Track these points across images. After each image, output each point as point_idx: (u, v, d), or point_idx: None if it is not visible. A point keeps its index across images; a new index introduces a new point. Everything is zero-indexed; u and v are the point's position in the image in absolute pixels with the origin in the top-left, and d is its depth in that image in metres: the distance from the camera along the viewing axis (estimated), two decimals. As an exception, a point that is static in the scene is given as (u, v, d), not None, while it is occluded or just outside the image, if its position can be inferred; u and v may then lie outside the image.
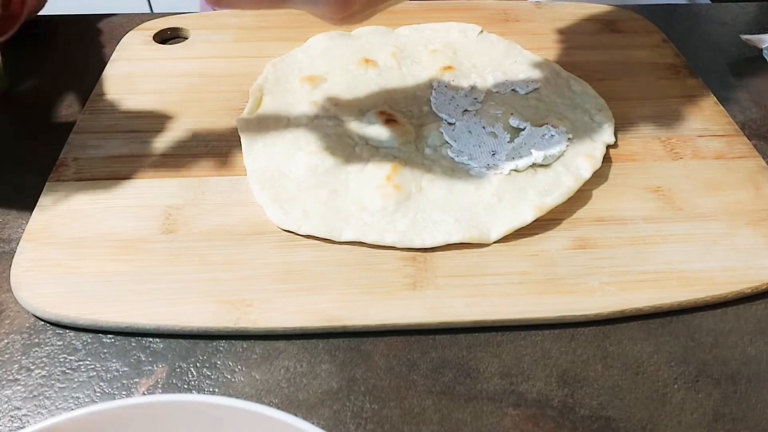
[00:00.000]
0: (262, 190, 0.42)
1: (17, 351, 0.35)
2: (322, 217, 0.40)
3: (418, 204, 0.41)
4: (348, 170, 0.43)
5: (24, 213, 0.42)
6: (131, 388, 0.33)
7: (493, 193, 0.42)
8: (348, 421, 0.32)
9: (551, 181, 0.43)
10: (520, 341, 0.36)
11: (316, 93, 0.49)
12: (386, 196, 0.41)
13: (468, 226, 0.40)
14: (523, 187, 0.42)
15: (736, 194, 0.43)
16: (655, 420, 0.32)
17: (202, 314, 0.35)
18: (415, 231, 0.39)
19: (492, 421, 0.32)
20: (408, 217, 0.40)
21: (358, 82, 0.51)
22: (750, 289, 0.38)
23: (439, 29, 0.57)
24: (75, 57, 0.57)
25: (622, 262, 0.39)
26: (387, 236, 0.39)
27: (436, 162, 0.44)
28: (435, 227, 0.40)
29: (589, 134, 0.47)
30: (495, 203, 0.41)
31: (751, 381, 0.34)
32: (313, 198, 0.41)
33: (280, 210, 0.40)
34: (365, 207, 0.41)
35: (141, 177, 0.44)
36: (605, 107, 0.49)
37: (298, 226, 0.39)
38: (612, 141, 0.46)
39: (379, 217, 0.40)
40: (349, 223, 0.40)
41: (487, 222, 0.40)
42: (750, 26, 0.64)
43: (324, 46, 0.54)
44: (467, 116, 0.47)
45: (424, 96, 0.50)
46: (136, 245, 0.39)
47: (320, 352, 0.35)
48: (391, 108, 0.48)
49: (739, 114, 0.52)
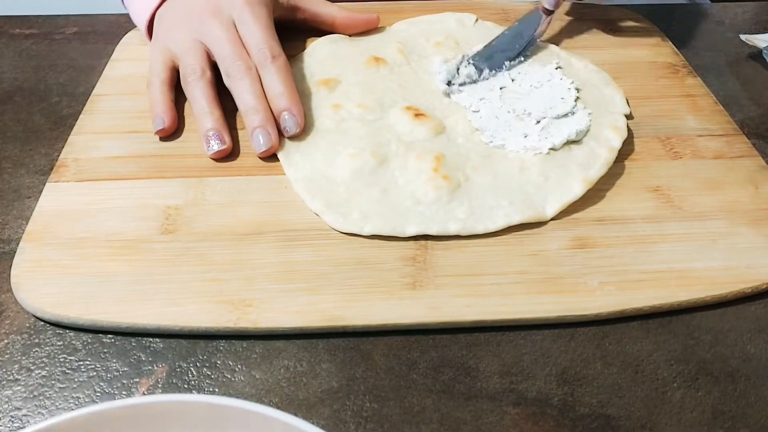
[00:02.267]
0: (314, 198, 0.42)
1: (17, 351, 0.35)
2: (382, 216, 0.40)
3: (470, 191, 0.42)
4: (392, 168, 0.44)
5: (24, 213, 0.42)
6: (131, 388, 0.33)
7: (538, 173, 0.43)
8: (348, 421, 0.32)
9: (587, 155, 0.44)
10: (519, 341, 0.36)
11: (334, 96, 0.49)
12: (438, 188, 0.41)
13: (524, 207, 0.41)
14: (565, 163, 0.44)
15: (736, 193, 0.43)
16: (654, 418, 0.32)
17: (202, 314, 0.35)
18: (475, 218, 0.40)
19: (492, 420, 0.32)
20: (464, 205, 0.41)
21: (373, 81, 0.51)
22: (750, 289, 0.38)
23: (435, 21, 0.58)
24: (75, 57, 0.57)
25: (621, 261, 0.39)
26: (450, 225, 0.40)
27: (472, 150, 0.45)
28: (492, 212, 0.40)
29: (606, 107, 0.49)
30: (542, 182, 0.42)
31: (751, 379, 0.34)
32: (366, 199, 0.41)
33: (338, 215, 0.40)
34: (420, 201, 0.41)
35: (141, 177, 0.44)
36: (611, 80, 0.51)
37: (360, 227, 0.40)
38: (628, 111, 0.49)
39: (436, 209, 0.41)
40: (409, 218, 0.40)
41: (540, 201, 0.41)
42: (750, 26, 0.64)
43: (328, 49, 0.55)
44: (487, 103, 0.49)
45: (440, 88, 0.50)
46: (136, 245, 0.39)
47: (320, 352, 0.35)
48: (413, 103, 0.49)
49: (738, 113, 0.52)
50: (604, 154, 0.44)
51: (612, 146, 0.45)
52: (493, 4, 0.62)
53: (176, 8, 0.52)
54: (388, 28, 0.58)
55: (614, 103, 0.49)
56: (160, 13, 0.52)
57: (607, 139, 0.46)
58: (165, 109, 0.47)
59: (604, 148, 0.45)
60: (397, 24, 0.58)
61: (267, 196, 0.42)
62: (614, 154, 0.45)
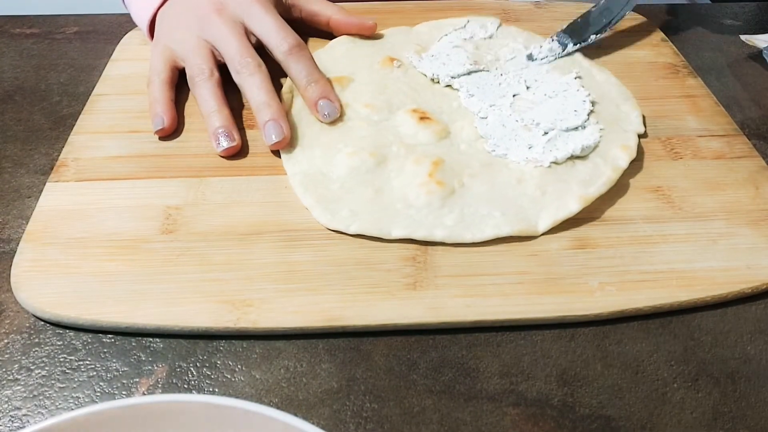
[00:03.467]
0: (306, 192, 0.42)
1: (17, 351, 0.35)
2: (370, 216, 0.40)
3: (463, 199, 0.41)
4: (389, 169, 0.43)
5: (24, 213, 0.42)
6: (131, 388, 0.33)
7: (536, 186, 0.42)
8: (348, 421, 0.32)
9: (591, 171, 0.43)
10: (519, 341, 0.36)
11: (345, 94, 0.49)
12: (431, 192, 0.41)
13: (515, 219, 0.40)
14: (565, 179, 0.43)
15: (736, 194, 0.43)
16: (654, 419, 0.32)
17: (202, 314, 0.35)
18: (463, 225, 0.40)
19: (492, 420, 0.32)
20: (455, 212, 0.40)
21: (386, 81, 0.51)
22: (750, 289, 0.38)
23: (458, 24, 0.58)
24: (75, 57, 0.57)
25: (622, 262, 0.39)
26: (436, 232, 0.39)
27: (473, 157, 0.45)
28: (483, 221, 0.40)
29: (619, 124, 0.47)
30: (539, 196, 0.42)
31: (751, 380, 0.34)
32: (358, 198, 0.41)
33: (327, 211, 0.40)
34: (411, 204, 0.41)
35: (141, 177, 0.44)
36: (630, 96, 0.50)
37: (346, 225, 0.40)
38: (642, 130, 0.47)
39: (426, 213, 0.40)
40: (397, 221, 0.40)
41: (533, 214, 0.40)
42: (750, 26, 0.64)
43: (346, 47, 0.54)
44: (496, 110, 0.48)
45: (452, 92, 0.50)
46: (136, 245, 0.39)
47: (320, 352, 0.35)
48: (421, 105, 0.48)
49: (738, 114, 0.52)
50: (607, 173, 0.43)
51: (617, 165, 0.44)
52: (493, 4, 0.62)
53: (178, 7, 0.51)
54: (409, 29, 0.57)
55: (629, 120, 0.48)
56: (161, 12, 0.52)
57: (614, 157, 0.44)
58: (165, 109, 0.47)
59: (608, 167, 0.43)
60: (420, 26, 0.58)
61: (267, 196, 0.42)
62: (618, 173, 0.43)
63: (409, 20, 0.59)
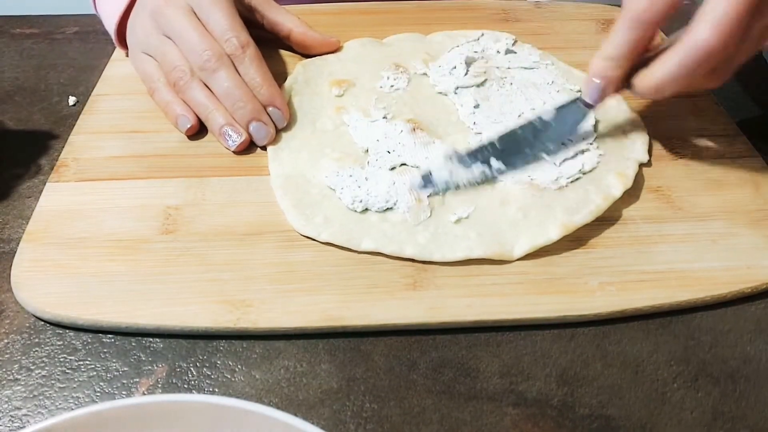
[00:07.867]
0: (285, 195, 0.41)
1: (17, 351, 0.35)
2: (343, 225, 0.39)
3: (441, 218, 0.40)
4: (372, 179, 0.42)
5: (24, 213, 0.42)
6: (131, 388, 0.33)
7: (518, 209, 0.40)
8: (348, 421, 0.32)
9: (580, 198, 0.41)
10: (519, 341, 0.36)
11: (343, 98, 0.49)
12: (408, 209, 0.40)
13: (490, 242, 0.39)
14: (550, 204, 0.41)
15: (736, 194, 0.43)
16: (654, 419, 0.32)
17: (202, 314, 0.35)
18: (435, 245, 0.38)
19: (492, 420, 0.32)
20: (429, 230, 0.39)
21: (387, 88, 0.50)
22: (750, 289, 0.38)
23: (471, 37, 0.56)
24: (76, 57, 0.57)
25: (622, 262, 0.39)
26: (406, 248, 0.38)
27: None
28: (456, 242, 0.39)
29: (621, 151, 0.45)
30: (520, 219, 0.40)
31: (751, 380, 0.34)
32: (334, 205, 0.41)
33: (301, 216, 0.40)
34: (386, 218, 0.40)
35: (141, 177, 0.44)
36: (640, 124, 0.48)
37: (318, 232, 0.39)
38: (645, 159, 0.45)
39: (400, 229, 0.39)
40: (370, 233, 0.39)
41: (510, 238, 0.39)
42: (750, 26, 0.64)
43: (356, 51, 0.54)
44: (495, 127, 0.46)
45: (453, 105, 0.49)
46: (136, 245, 0.39)
47: (320, 352, 0.35)
48: (418, 116, 0.47)
49: (738, 114, 0.52)
50: (596, 201, 0.41)
51: (609, 194, 0.42)
52: (493, 4, 0.62)
53: (140, 11, 0.49)
54: (423, 36, 0.56)
55: (633, 148, 0.45)
56: (130, 22, 0.51)
57: (607, 185, 0.42)
58: (184, 108, 0.46)
59: (599, 195, 0.41)
60: (434, 35, 0.56)
61: (267, 197, 0.42)
62: (609, 203, 0.41)
63: (409, 20, 0.59)
